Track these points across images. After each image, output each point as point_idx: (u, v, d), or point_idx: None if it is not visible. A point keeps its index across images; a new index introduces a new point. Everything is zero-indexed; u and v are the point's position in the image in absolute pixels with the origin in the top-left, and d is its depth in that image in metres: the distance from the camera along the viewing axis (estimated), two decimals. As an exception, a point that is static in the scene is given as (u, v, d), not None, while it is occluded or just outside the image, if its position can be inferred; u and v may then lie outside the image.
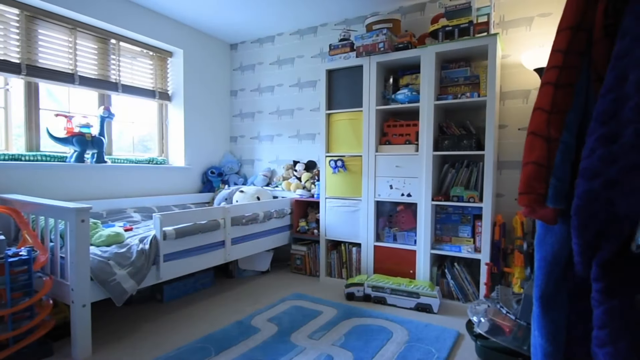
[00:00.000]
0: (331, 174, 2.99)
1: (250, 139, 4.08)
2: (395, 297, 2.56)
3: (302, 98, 3.69)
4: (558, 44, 0.80)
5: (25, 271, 1.75)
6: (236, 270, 3.21)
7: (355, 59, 2.86)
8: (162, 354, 1.87)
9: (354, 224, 2.93)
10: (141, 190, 3.28)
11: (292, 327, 2.19)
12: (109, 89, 3.12)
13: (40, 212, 1.99)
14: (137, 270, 2.02)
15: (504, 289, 1.85)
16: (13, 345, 1.72)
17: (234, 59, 4.16)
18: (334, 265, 3.07)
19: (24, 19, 2.60)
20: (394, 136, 2.79)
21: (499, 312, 1.61)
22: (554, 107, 0.78)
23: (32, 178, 2.55)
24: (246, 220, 2.86)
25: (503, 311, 1.58)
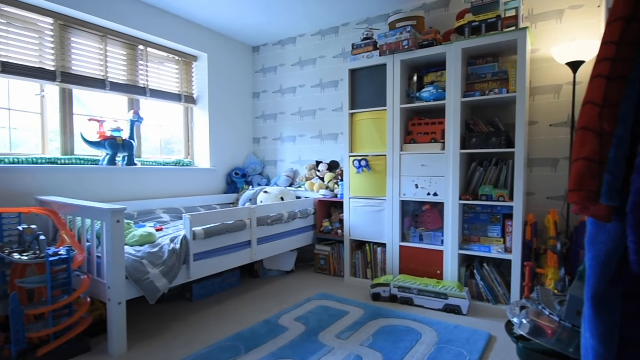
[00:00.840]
0: (355, 173, 2.98)
1: (272, 140, 4.11)
2: (422, 297, 2.53)
3: (324, 98, 3.70)
4: (610, 36, 0.77)
5: (64, 270, 1.83)
6: (261, 270, 3.24)
7: (378, 57, 2.84)
8: (194, 352, 1.91)
9: (378, 223, 2.90)
10: (169, 192, 3.36)
11: (319, 327, 2.19)
12: (137, 93, 3.21)
13: (77, 213, 2.07)
14: (169, 269, 2.07)
15: (544, 289, 1.79)
16: (53, 341, 1.80)
17: (255, 61, 4.21)
18: (358, 265, 3.06)
19: (57, 28, 2.71)
20: (419, 134, 2.75)
21: (541, 313, 1.56)
22: (606, 100, 0.75)
23: (67, 180, 2.65)
24: (271, 220, 2.89)
25: (545, 312, 1.53)
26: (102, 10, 2.84)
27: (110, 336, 1.87)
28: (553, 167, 2.62)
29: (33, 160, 2.53)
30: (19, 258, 1.77)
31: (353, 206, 3.02)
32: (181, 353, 1.90)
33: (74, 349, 1.86)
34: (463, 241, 2.65)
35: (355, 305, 2.53)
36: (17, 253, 1.84)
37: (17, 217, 2.15)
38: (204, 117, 3.76)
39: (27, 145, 2.65)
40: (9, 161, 2.42)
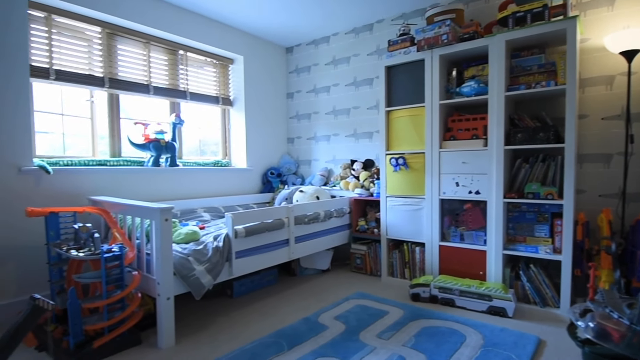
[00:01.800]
0: (392, 172, 2.94)
1: (306, 140, 4.14)
2: (464, 299, 2.45)
3: (358, 97, 3.67)
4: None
5: (117, 266, 1.92)
6: (298, 269, 3.27)
7: (416, 53, 2.78)
8: (239, 347, 1.95)
9: (417, 223, 2.85)
10: (208, 191, 3.46)
11: (359, 326, 2.18)
12: (178, 97, 3.33)
13: (127, 212, 2.17)
14: (213, 266, 2.13)
15: (609, 292, 1.69)
16: (108, 333, 1.89)
17: (289, 62, 4.25)
18: (395, 265, 3.02)
19: (105, 36, 2.85)
20: (460, 131, 2.68)
21: (608, 316, 1.47)
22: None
23: (116, 181, 2.78)
24: (308, 219, 2.90)
25: (614, 315, 1.44)
26: (146, 18, 2.96)
27: (159, 330, 1.95)
28: (606, 163, 2.47)
29: (85, 163, 2.68)
30: (76, 255, 1.88)
31: (390, 205, 2.98)
32: (227, 348, 1.95)
33: (126, 341, 1.95)
34: (508, 241, 2.55)
35: (394, 306, 2.49)
36: (74, 250, 1.95)
37: (73, 216, 2.28)
38: (240, 119, 3.84)
39: (75, 148, 2.80)
40: (64, 164, 2.57)
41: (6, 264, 2.29)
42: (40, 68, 2.50)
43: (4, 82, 2.27)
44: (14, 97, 2.31)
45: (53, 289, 2.20)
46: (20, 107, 2.33)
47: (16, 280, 2.33)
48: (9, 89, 2.29)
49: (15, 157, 2.31)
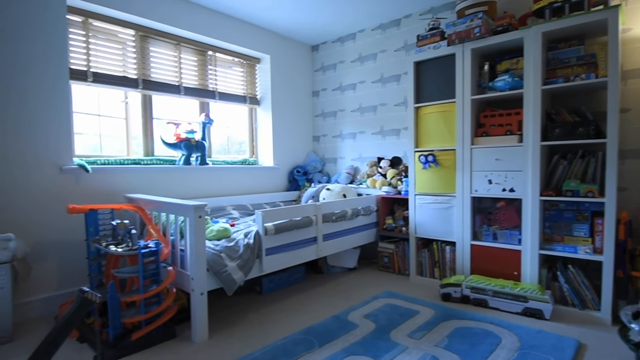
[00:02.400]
0: (421, 169, 2.89)
1: (332, 138, 4.13)
2: (498, 300, 2.38)
3: (385, 93, 3.63)
4: None
5: (153, 262, 1.97)
6: (325, 267, 3.27)
7: (446, 47, 2.72)
8: (270, 342, 1.97)
9: (447, 221, 2.79)
10: (236, 189, 3.51)
11: (390, 325, 2.16)
12: (207, 97, 3.39)
13: (162, 209, 2.23)
14: (245, 262, 2.16)
15: None
16: (145, 327, 1.95)
17: (315, 60, 4.25)
18: (425, 264, 2.97)
19: (138, 39, 2.93)
20: (493, 127, 2.60)
21: None
22: None
23: (149, 179, 2.87)
24: (336, 217, 2.90)
25: None
26: (177, 20, 3.03)
27: (193, 324, 1.99)
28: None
29: (120, 162, 2.77)
30: (115, 250, 1.95)
31: (419, 203, 2.93)
32: (258, 344, 1.97)
33: (162, 335, 2.00)
34: (544, 241, 2.46)
35: (424, 305, 2.45)
36: (113, 245, 2.02)
37: (110, 213, 2.36)
38: (267, 117, 3.87)
39: (109, 148, 2.90)
40: (101, 163, 2.67)
41: (48, 259, 2.40)
42: (78, 71, 2.60)
43: (46, 85, 2.37)
44: (55, 100, 2.41)
45: (92, 283, 2.29)
46: (61, 109, 2.44)
47: (57, 275, 2.44)
48: (50, 91, 2.39)
49: (56, 156, 2.42)
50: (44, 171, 2.37)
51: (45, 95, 2.37)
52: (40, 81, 2.35)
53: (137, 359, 1.84)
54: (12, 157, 2.26)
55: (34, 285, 2.34)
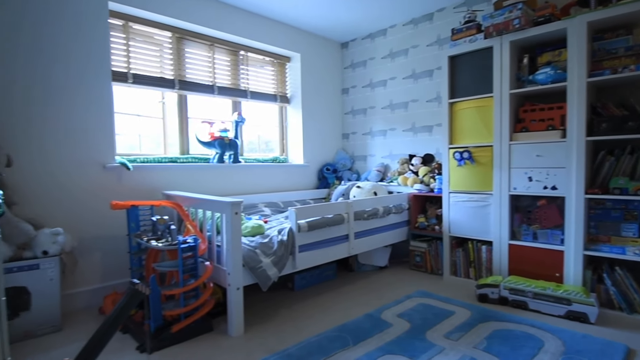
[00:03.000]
0: (456, 166, 2.82)
1: (362, 135, 4.10)
2: (539, 302, 2.29)
3: (417, 89, 3.57)
4: None
5: (191, 256, 2.03)
6: (356, 265, 3.25)
7: (483, 40, 2.64)
8: (305, 339, 1.98)
9: (483, 220, 2.71)
10: (267, 187, 3.55)
11: (425, 325, 2.12)
12: (239, 96, 3.45)
13: (199, 205, 2.29)
14: (279, 259, 2.18)
15: None
16: (184, 319, 2.01)
17: (344, 57, 4.23)
18: (459, 264, 2.89)
19: (175, 40, 3.02)
20: (533, 122, 2.50)
21: None
22: None
23: (185, 177, 2.95)
24: (367, 215, 2.87)
25: None
26: (211, 21, 3.09)
27: (230, 319, 2.04)
28: None
29: (158, 160, 2.87)
30: (156, 245, 2.01)
31: (453, 201, 2.86)
32: (293, 339, 1.99)
33: (199, 328, 2.06)
34: (589, 241, 2.34)
35: (460, 306, 2.40)
36: (154, 240, 2.10)
37: (150, 209, 2.45)
38: (297, 116, 3.89)
39: (145, 146, 3.01)
40: (141, 161, 2.77)
41: (93, 253, 2.52)
42: (119, 72, 2.71)
43: (90, 86, 2.49)
44: (99, 101, 2.52)
45: (133, 276, 2.38)
46: (104, 109, 2.55)
47: (101, 268, 2.56)
48: (94, 93, 2.51)
49: (100, 155, 2.53)
50: (89, 169, 2.48)
51: (90, 96, 2.48)
52: (85, 83, 2.46)
53: (177, 350, 1.90)
54: (62, 156, 2.38)
55: (80, 277, 2.46)
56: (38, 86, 2.30)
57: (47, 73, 2.32)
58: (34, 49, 2.27)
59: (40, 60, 2.29)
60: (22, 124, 2.25)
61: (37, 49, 2.28)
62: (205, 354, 1.85)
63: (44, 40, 2.30)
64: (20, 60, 2.23)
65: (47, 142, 2.33)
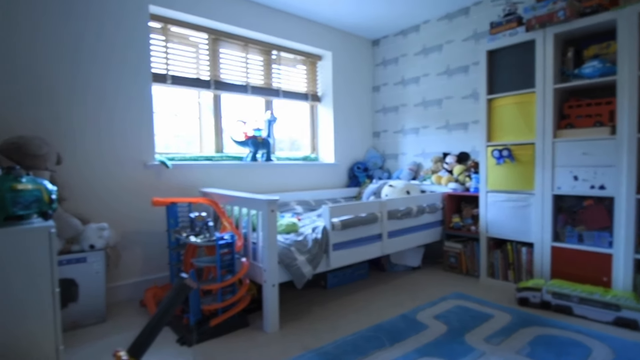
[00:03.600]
0: (494, 165, 2.72)
1: (393, 133, 4.05)
2: (585, 307, 2.18)
3: (451, 86, 3.48)
4: None
5: (229, 253, 2.07)
6: (388, 264, 3.21)
7: (524, 34, 2.53)
8: (340, 337, 1.98)
9: (523, 220, 2.61)
10: (299, 185, 3.57)
11: (463, 328, 2.06)
12: (272, 95, 3.49)
13: (235, 203, 2.33)
14: (313, 257, 2.19)
15: None
16: (221, 314, 2.05)
17: (376, 55, 4.19)
18: (497, 266, 2.80)
19: (211, 42, 3.09)
20: (578, 118, 2.38)
21: None
22: None
23: (220, 175, 3.01)
24: (401, 214, 2.83)
25: None
26: (245, 21, 3.14)
27: (265, 315, 2.06)
28: None
29: (194, 158, 2.95)
30: (195, 241, 2.07)
31: (491, 201, 2.77)
32: (328, 337, 1.98)
33: (236, 323, 2.10)
34: (641, 244, 2.20)
35: (499, 309, 2.32)
36: (193, 236, 2.15)
37: (188, 206, 2.52)
38: (328, 114, 3.89)
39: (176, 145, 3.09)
40: (178, 159, 2.86)
41: (134, 248, 2.62)
42: (159, 74, 2.79)
43: (132, 88, 2.58)
44: (139, 102, 2.62)
45: (172, 271, 2.46)
46: (144, 109, 2.64)
47: (141, 262, 2.66)
48: (135, 94, 2.60)
49: (141, 154, 2.63)
50: (130, 167, 2.58)
51: (131, 97, 2.58)
52: (126, 84, 2.56)
53: (215, 344, 1.94)
54: (105, 155, 2.49)
55: (122, 271, 2.57)
56: (81, 88, 2.41)
57: (90, 75, 2.43)
58: (77, 52, 2.38)
59: (83, 64, 2.40)
60: (68, 125, 2.36)
61: (80, 53, 2.39)
62: (242, 349, 1.88)
63: (86, 44, 2.41)
64: (65, 64, 2.34)
65: (92, 141, 2.44)
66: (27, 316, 1.39)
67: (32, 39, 2.23)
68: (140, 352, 1.20)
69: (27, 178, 1.45)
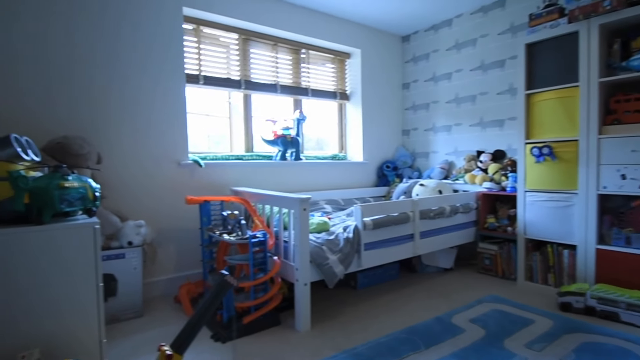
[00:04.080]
0: (533, 163, 2.60)
1: (424, 131, 3.96)
2: (634, 314, 2.05)
3: (486, 81, 3.36)
4: None
5: (261, 251, 2.08)
6: (419, 265, 3.15)
7: (566, 25, 2.41)
8: (372, 338, 1.94)
9: (565, 221, 2.48)
10: (327, 184, 3.56)
11: (501, 333, 1.98)
12: (300, 94, 3.49)
13: (266, 201, 2.35)
14: (345, 256, 2.17)
15: None
16: (254, 312, 2.06)
17: (405, 51, 4.11)
18: (535, 269, 2.68)
19: (241, 42, 3.12)
20: (627, 113, 2.23)
21: None
22: None
23: (250, 173, 3.04)
24: (434, 214, 2.76)
25: None
26: (275, 20, 3.15)
27: (297, 314, 2.06)
28: None
29: (225, 157, 2.99)
30: (229, 238, 2.09)
31: (530, 201, 2.65)
32: (360, 338, 1.96)
33: (268, 321, 2.10)
34: (699, 248, 2.04)
35: (540, 314, 2.21)
36: (226, 234, 2.18)
37: (220, 204, 2.56)
38: (356, 112, 3.85)
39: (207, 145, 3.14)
40: (210, 158, 2.90)
41: (168, 245, 2.69)
42: (192, 75, 2.85)
43: (166, 89, 2.65)
44: (173, 102, 2.68)
45: (205, 268, 2.50)
46: (178, 110, 2.70)
47: (175, 259, 2.72)
48: (170, 95, 2.66)
49: (175, 153, 2.69)
50: (165, 166, 2.65)
51: (165, 98, 2.65)
52: (161, 85, 2.63)
53: (248, 341, 1.95)
54: (141, 154, 2.56)
55: (158, 267, 2.63)
56: (118, 89, 2.49)
57: (127, 77, 2.51)
58: (115, 55, 2.46)
59: (120, 66, 2.48)
60: (106, 126, 2.45)
61: (117, 55, 2.47)
62: (275, 347, 1.89)
63: (122, 46, 2.49)
64: (102, 67, 2.43)
65: (129, 141, 2.52)
66: (72, 309, 1.44)
67: (70, 41, 2.32)
68: (183, 348, 1.23)
69: (73, 176, 1.51)
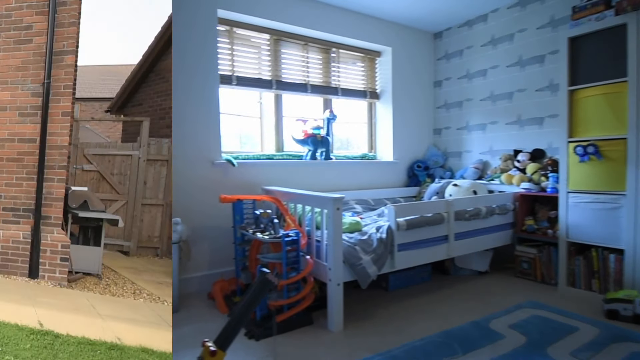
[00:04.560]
0: (577, 162, 2.47)
1: (456, 130, 3.86)
2: (693, 325, 1.90)
3: (524, 78, 3.23)
4: None
5: (294, 250, 2.09)
6: (452, 268, 3.06)
7: (613, 18, 2.28)
8: (407, 341, 1.90)
9: (612, 224, 2.34)
10: (357, 184, 3.52)
11: (544, 340, 1.89)
12: (330, 93, 3.48)
13: (298, 200, 2.35)
14: (378, 257, 2.14)
15: None
16: (287, 311, 2.07)
17: (437, 48, 4.02)
18: (578, 274, 2.54)
19: (272, 42, 3.15)
20: (684, 109, 2.08)
21: None
22: None
23: (280, 173, 3.06)
24: (469, 215, 2.68)
25: None
26: (305, 20, 3.16)
27: (330, 314, 2.05)
28: None
29: (257, 157, 3.02)
30: (262, 237, 2.11)
31: (573, 202, 2.52)
32: (394, 341, 1.92)
33: (301, 320, 2.11)
34: None
35: (584, 322, 2.10)
36: (259, 233, 2.20)
37: (253, 203, 2.58)
38: (386, 112, 3.80)
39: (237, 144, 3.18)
40: (242, 158, 2.95)
41: (202, 242, 2.74)
42: (225, 76, 2.90)
43: (201, 90, 2.71)
44: (208, 103, 2.74)
45: (238, 266, 2.54)
46: (212, 110, 2.76)
47: (209, 256, 2.77)
48: (204, 96, 2.72)
49: (209, 152, 2.75)
50: (200, 165, 2.71)
51: (200, 98, 2.71)
52: (196, 86, 2.69)
53: (281, 340, 1.96)
54: (179, 153, 2.63)
55: (192, 264, 2.70)
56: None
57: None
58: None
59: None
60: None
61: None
62: (309, 346, 1.89)
63: (164, 49, 2.56)
64: (146, 68, 2.51)
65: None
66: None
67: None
68: (226, 344, 1.26)
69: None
